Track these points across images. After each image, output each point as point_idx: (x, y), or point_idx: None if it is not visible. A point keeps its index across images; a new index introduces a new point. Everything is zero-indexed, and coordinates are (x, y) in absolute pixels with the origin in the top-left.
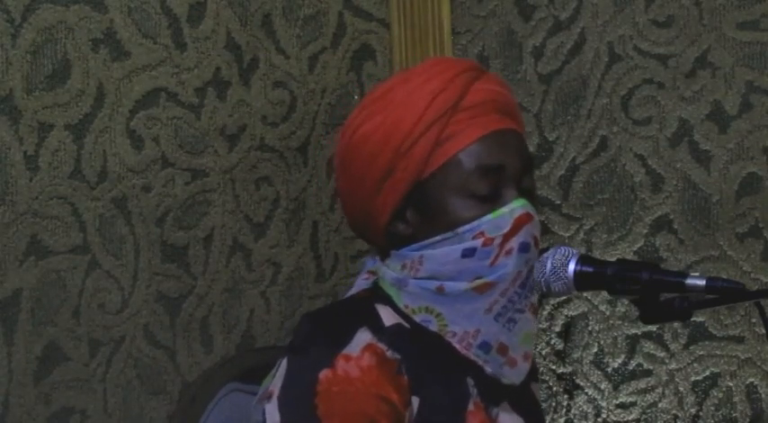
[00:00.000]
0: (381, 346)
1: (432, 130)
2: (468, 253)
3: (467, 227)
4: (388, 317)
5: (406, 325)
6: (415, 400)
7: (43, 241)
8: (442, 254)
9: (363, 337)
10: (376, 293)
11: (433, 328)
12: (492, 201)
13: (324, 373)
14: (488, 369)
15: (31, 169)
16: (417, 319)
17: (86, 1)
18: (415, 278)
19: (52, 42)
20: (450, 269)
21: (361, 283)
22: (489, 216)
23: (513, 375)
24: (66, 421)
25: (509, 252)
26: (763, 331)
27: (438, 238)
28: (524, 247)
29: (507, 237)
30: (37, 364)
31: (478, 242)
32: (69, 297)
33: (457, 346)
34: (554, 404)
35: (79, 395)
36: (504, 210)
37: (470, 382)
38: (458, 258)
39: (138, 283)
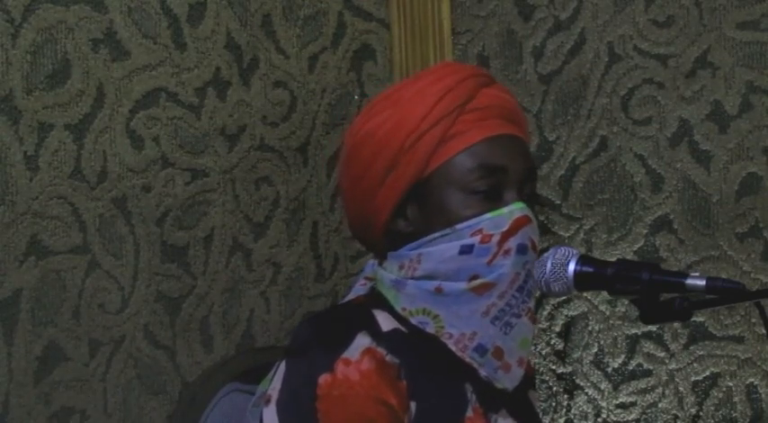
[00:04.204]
0: (381, 350)
1: (437, 128)
2: (466, 250)
3: (465, 224)
4: (385, 322)
5: (404, 329)
6: (413, 405)
7: (43, 241)
8: (439, 251)
9: (362, 341)
10: (373, 299)
11: (430, 329)
12: (492, 200)
13: (323, 378)
14: (482, 372)
15: (31, 169)
16: (414, 321)
17: (86, 1)
18: (414, 278)
19: (52, 42)
20: (448, 267)
21: (358, 289)
22: (488, 214)
23: (507, 380)
24: (66, 421)
25: (507, 252)
26: (763, 331)
27: (437, 234)
28: (522, 249)
29: (505, 236)
30: (37, 364)
31: (476, 239)
32: (69, 297)
33: (453, 349)
34: (554, 404)
35: (79, 395)
36: (504, 210)
37: (469, 387)
38: (455, 255)
39: (138, 283)
